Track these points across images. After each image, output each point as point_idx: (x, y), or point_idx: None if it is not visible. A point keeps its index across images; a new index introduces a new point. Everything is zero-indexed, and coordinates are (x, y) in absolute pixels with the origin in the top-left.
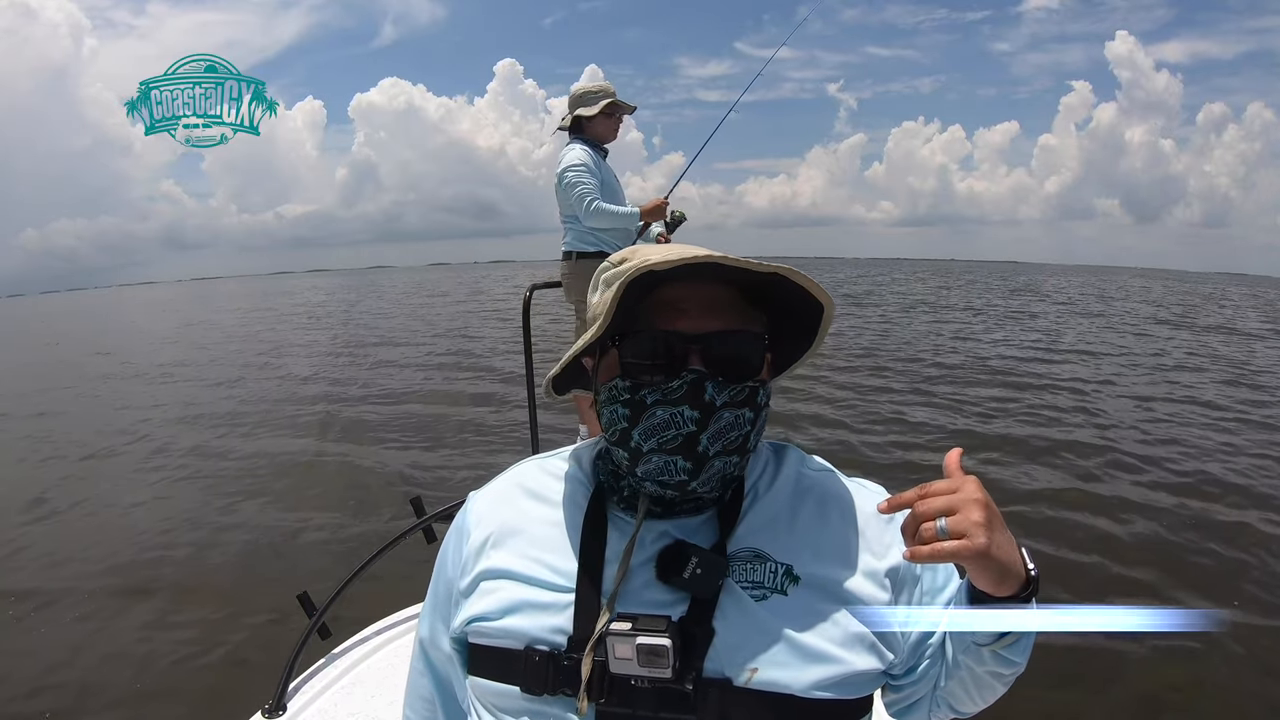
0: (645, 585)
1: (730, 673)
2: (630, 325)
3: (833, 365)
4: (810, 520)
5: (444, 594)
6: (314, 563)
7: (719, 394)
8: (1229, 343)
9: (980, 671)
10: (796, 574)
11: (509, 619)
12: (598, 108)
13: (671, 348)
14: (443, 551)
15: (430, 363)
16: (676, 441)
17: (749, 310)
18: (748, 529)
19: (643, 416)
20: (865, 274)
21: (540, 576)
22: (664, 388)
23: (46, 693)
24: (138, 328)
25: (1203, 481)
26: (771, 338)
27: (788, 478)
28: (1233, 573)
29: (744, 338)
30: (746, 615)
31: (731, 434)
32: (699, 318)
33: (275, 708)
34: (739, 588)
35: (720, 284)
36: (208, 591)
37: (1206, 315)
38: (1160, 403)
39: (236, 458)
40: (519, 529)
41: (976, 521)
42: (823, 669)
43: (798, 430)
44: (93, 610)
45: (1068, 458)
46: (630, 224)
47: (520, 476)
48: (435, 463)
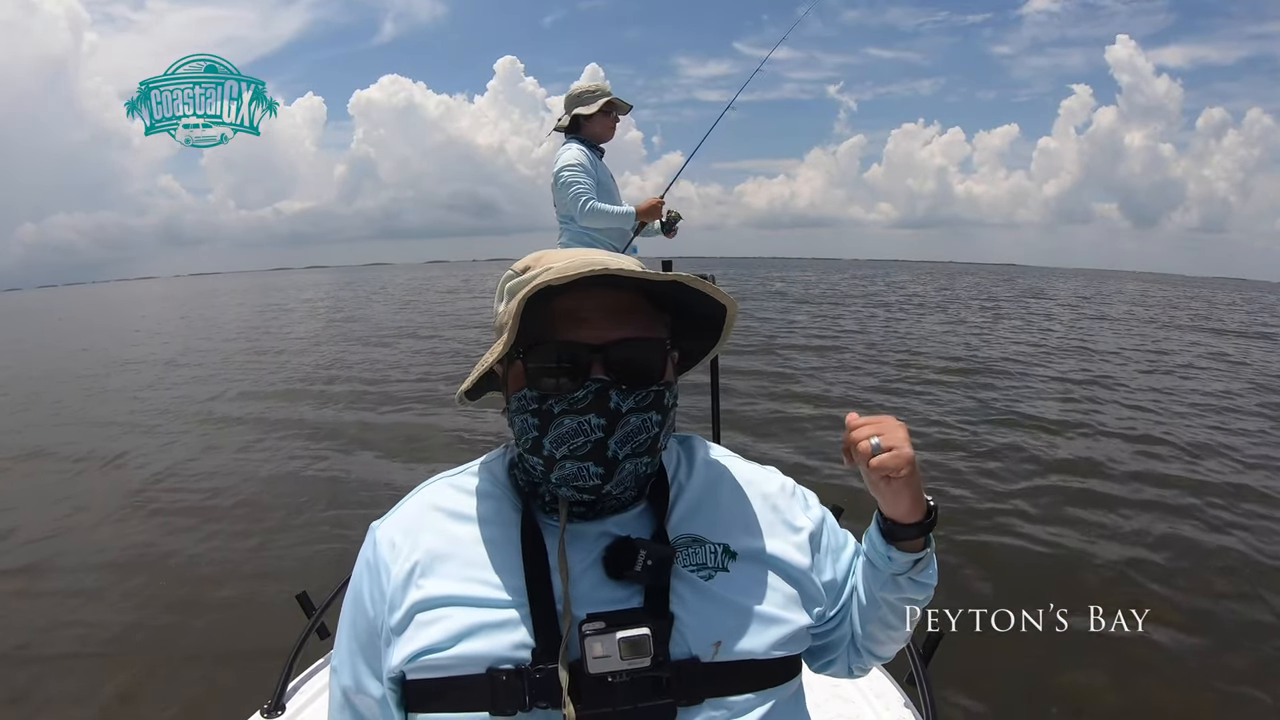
0: (596, 586)
1: (697, 651)
2: (534, 335)
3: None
4: (731, 501)
5: (366, 636)
6: (313, 562)
7: (624, 400)
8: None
9: (895, 599)
10: (733, 550)
11: (463, 645)
12: (596, 106)
13: (574, 358)
14: (355, 591)
15: (429, 359)
16: (586, 448)
17: (653, 314)
18: (680, 517)
19: (551, 425)
20: (865, 274)
21: (487, 596)
22: (569, 397)
23: (42, 691)
24: (156, 323)
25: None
26: (678, 335)
27: (700, 466)
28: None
29: (646, 345)
30: (700, 596)
31: (640, 437)
32: (601, 326)
33: (274, 707)
34: (686, 571)
35: (622, 291)
36: (205, 591)
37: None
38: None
39: (237, 458)
40: (449, 553)
41: (902, 437)
42: (776, 630)
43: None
44: (93, 610)
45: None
46: (626, 224)
47: (432, 498)
48: (434, 462)
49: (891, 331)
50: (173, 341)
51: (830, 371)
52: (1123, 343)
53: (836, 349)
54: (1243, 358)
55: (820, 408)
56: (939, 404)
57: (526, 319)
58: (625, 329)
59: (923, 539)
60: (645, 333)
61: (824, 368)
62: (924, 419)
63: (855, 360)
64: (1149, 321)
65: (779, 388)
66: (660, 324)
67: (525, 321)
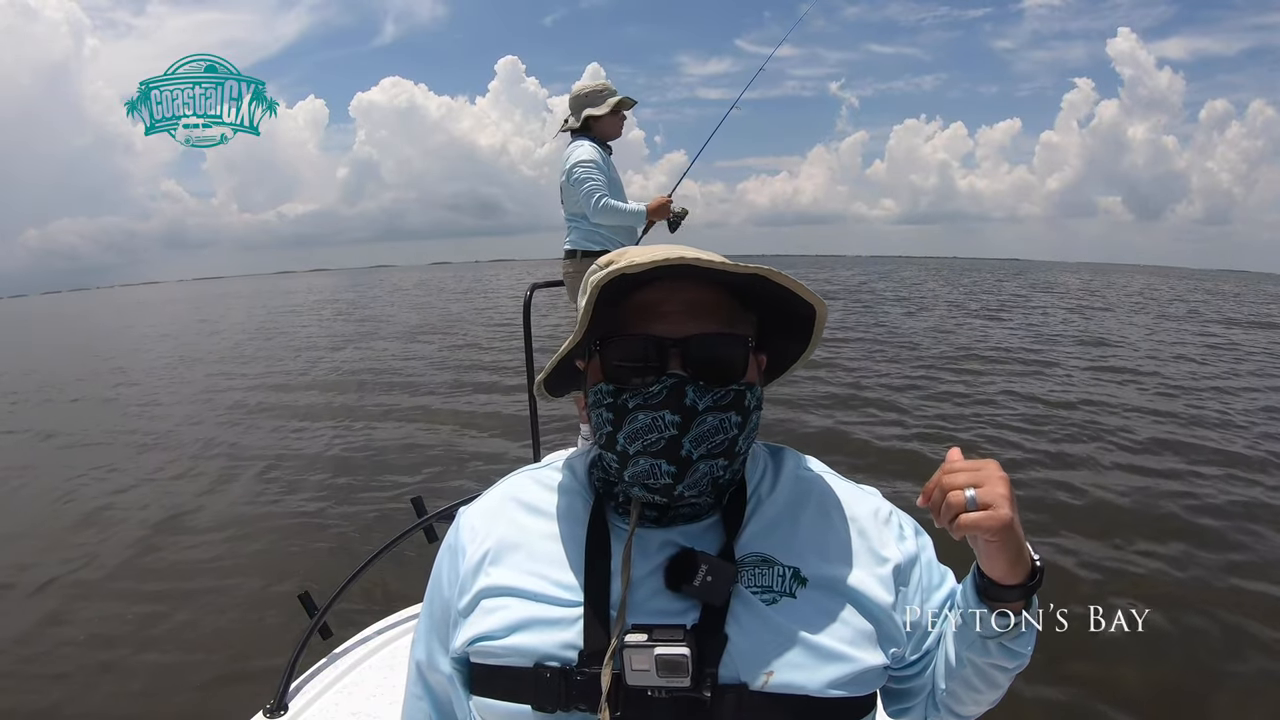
0: (653, 594)
1: (746, 678)
2: (614, 329)
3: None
4: (813, 522)
5: (440, 615)
6: (315, 562)
7: (700, 398)
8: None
9: (983, 664)
10: (804, 576)
11: (516, 637)
12: (608, 107)
13: (651, 351)
14: (436, 571)
15: (441, 361)
16: (659, 445)
17: (737, 312)
18: (752, 533)
19: (626, 420)
20: (866, 272)
21: (546, 592)
22: (645, 392)
23: (41, 691)
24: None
25: None
26: (766, 339)
27: (787, 481)
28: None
29: (725, 340)
30: (759, 620)
31: (716, 438)
32: (679, 320)
33: (276, 707)
34: (749, 593)
35: (705, 286)
36: (208, 591)
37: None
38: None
39: (236, 456)
40: (518, 544)
41: (1003, 494)
42: (836, 668)
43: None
44: (92, 610)
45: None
46: (637, 222)
47: (514, 489)
48: (436, 461)
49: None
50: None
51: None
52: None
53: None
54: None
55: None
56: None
57: (609, 314)
58: (706, 324)
59: (1023, 601)
60: (727, 328)
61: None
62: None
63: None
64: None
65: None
66: (744, 322)
67: (607, 315)
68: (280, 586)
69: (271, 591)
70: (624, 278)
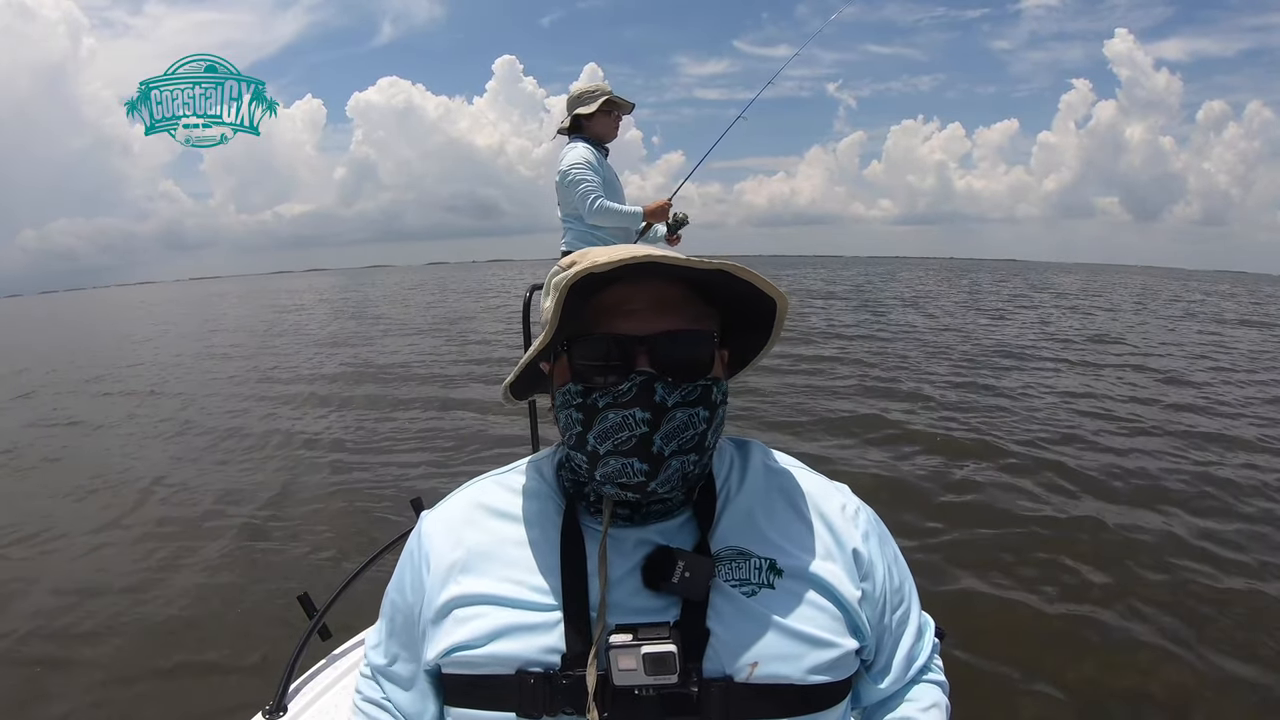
0: (632, 593)
1: (731, 670)
2: (580, 329)
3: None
4: (785, 514)
5: (402, 623)
6: (314, 563)
7: (669, 394)
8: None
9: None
10: (780, 567)
11: (495, 645)
12: (595, 105)
13: (619, 350)
14: (397, 578)
15: (435, 358)
16: (630, 443)
17: (700, 308)
18: (726, 527)
19: (596, 420)
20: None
21: (523, 598)
22: (614, 391)
23: (36, 687)
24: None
25: None
26: (727, 333)
27: (756, 473)
28: None
29: (692, 337)
30: (740, 612)
31: (686, 433)
32: (646, 318)
33: (276, 708)
34: (728, 586)
35: (669, 283)
36: (207, 591)
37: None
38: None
39: (236, 457)
40: (490, 551)
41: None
42: (817, 654)
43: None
44: (92, 610)
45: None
46: (633, 224)
47: (479, 495)
48: (436, 461)
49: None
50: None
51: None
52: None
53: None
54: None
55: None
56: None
57: (573, 314)
58: (672, 321)
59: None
60: (693, 325)
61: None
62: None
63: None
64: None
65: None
66: (709, 317)
67: (572, 316)
68: (280, 587)
69: (271, 592)
70: (589, 277)
